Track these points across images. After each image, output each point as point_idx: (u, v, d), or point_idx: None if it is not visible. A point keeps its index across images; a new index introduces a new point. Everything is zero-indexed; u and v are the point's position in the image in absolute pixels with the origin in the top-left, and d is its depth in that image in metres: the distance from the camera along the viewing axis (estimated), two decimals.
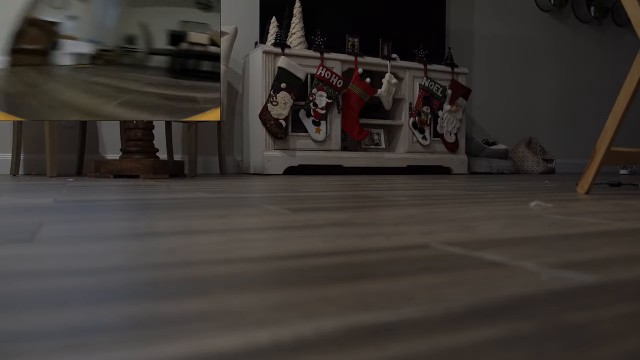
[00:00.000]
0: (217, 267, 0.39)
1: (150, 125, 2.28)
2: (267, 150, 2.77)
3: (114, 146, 2.84)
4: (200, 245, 0.48)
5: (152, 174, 2.11)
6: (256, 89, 2.84)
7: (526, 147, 3.75)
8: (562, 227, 0.65)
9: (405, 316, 0.27)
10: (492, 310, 0.28)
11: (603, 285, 0.35)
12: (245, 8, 3.12)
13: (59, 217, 0.71)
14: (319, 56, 2.89)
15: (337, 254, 0.44)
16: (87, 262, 0.40)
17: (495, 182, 2.02)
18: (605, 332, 0.25)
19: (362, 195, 1.17)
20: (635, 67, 1.19)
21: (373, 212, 0.80)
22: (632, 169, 4.03)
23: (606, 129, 1.24)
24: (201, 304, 0.29)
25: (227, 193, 1.22)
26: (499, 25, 4.05)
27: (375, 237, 0.55)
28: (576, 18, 4.41)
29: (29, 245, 0.48)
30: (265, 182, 1.83)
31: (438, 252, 0.46)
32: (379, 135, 3.21)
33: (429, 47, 3.42)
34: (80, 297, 0.30)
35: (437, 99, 3.24)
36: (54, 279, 0.35)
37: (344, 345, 0.23)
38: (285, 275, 0.36)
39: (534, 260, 0.43)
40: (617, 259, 0.43)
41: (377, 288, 0.33)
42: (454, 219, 0.72)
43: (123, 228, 0.60)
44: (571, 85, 4.42)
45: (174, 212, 0.78)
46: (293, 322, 0.26)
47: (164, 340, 0.23)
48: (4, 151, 2.63)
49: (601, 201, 1.07)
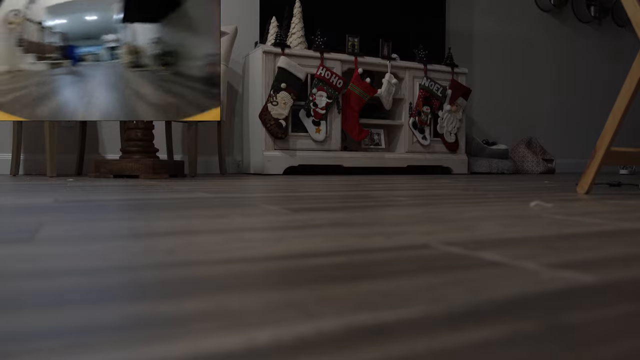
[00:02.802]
0: (217, 267, 0.39)
1: (150, 125, 2.28)
2: (267, 150, 2.77)
3: (114, 146, 2.84)
4: (200, 245, 0.48)
5: (152, 174, 2.11)
6: (256, 89, 2.84)
7: (526, 147, 3.75)
8: (562, 227, 0.65)
9: (405, 316, 0.27)
10: (492, 310, 0.28)
11: (603, 285, 0.35)
12: (245, 8, 3.12)
13: (59, 217, 0.71)
14: (319, 56, 2.89)
15: (337, 254, 0.44)
16: (87, 262, 0.40)
17: (495, 182, 2.02)
18: (605, 332, 0.25)
19: (362, 195, 1.17)
20: (635, 67, 1.19)
21: (373, 212, 0.80)
22: (632, 169, 4.02)
23: (606, 129, 1.24)
24: (201, 304, 0.29)
25: (227, 193, 1.22)
26: (499, 25, 4.04)
27: (375, 237, 0.55)
28: (576, 18, 4.41)
29: (29, 245, 0.48)
30: (265, 182, 1.83)
31: (438, 252, 0.46)
32: (379, 135, 3.21)
33: (429, 47, 3.42)
34: (80, 297, 0.30)
35: (437, 99, 3.24)
36: (53, 278, 0.35)
37: (344, 345, 0.23)
38: (285, 275, 0.36)
39: (534, 260, 0.43)
40: (617, 259, 0.43)
41: (377, 288, 0.33)
42: (454, 219, 0.72)
43: (123, 228, 0.60)
44: (571, 85, 4.42)
45: (174, 212, 0.78)
46: (293, 322, 0.26)
47: (164, 340, 0.23)
48: (4, 151, 2.63)
49: (601, 201, 1.07)
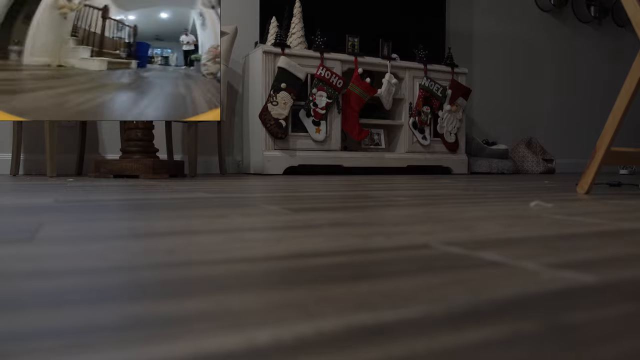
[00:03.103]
0: (217, 267, 0.39)
1: (150, 125, 2.28)
2: (267, 150, 2.77)
3: (114, 146, 2.84)
4: (200, 245, 0.48)
5: (152, 174, 2.11)
6: (256, 89, 2.84)
7: (526, 147, 3.75)
8: (562, 227, 0.65)
9: (405, 316, 0.27)
10: (492, 310, 0.28)
11: (603, 285, 0.35)
12: (245, 8, 3.12)
13: (59, 217, 0.71)
14: (319, 56, 2.88)
15: (337, 254, 0.44)
16: (87, 262, 0.40)
17: (495, 182, 2.02)
18: (605, 332, 0.25)
19: (362, 195, 1.17)
20: (635, 67, 1.19)
21: (373, 212, 0.80)
22: (632, 169, 4.02)
23: (606, 129, 1.24)
24: (201, 304, 0.29)
25: (227, 193, 1.22)
26: (499, 25, 4.04)
27: (375, 237, 0.55)
28: (576, 18, 4.41)
29: (29, 245, 0.48)
30: (265, 182, 1.83)
31: (438, 252, 0.46)
32: (379, 135, 3.21)
33: (429, 47, 3.42)
34: (80, 296, 0.30)
35: (437, 99, 3.24)
36: (53, 278, 0.35)
37: (344, 345, 0.23)
38: (285, 275, 0.36)
39: (534, 260, 0.43)
40: (617, 259, 0.43)
41: (377, 288, 0.33)
42: (454, 219, 0.72)
43: (123, 228, 0.60)
44: (571, 85, 4.42)
45: (174, 212, 0.78)
46: (293, 322, 0.26)
47: (164, 340, 0.23)
48: (4, 151, 2.63)
49: (601, 201, 1.07)
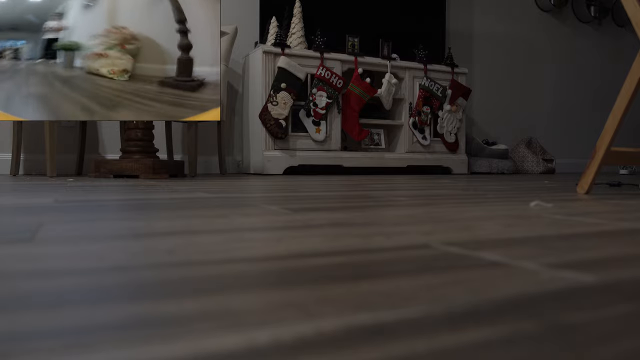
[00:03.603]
0: (217, 267, 0.39)
1: (150, 125, 2.28)
2: (267, 150, 2.77)
3: (114, 146, 2.84)
4: (200, 245, 0.48)
5: (152, 174, 2.11)
6: (256, 89, 2.84)
7: (526, 147, 3.75)
8: (562, 227, 0.65)
9: (405, 316, 0.27)
10: (492, 310, 0.28)
11: (603, 285, 0.35)
12: (245, 8, 3.12)
13: (59, 217, 0.71)
14: (319, 56, 2.88)
15: (337, 254, 0.44)
16: (87, 262, 0.40)
17: (495, 182, 2.02)
18: (605, 332, 0.25)
19: (362, 195, 1.17)
20: (635, 67, 1.19)
21: (373, 212, 0.80)
22: (632, 169, 4.02)
23: (606, 129, 1.24)
24: (201, 304, 0.29)
25: (227, 193, 1.22)
26: (499, 25, 4.04)
27: (375, 237, 0.55)
28: (576, 18, 4.41)
29: (29, 245, 0.48)
30: (265, 182, 1.83)
31: (438, 252, 0.46)
32: (379, 135, 3.21)
33: (429, 47, 3.42)
34: (80, 296, 0.30)
35: (437, 99, 3.24)
36: (53, 278, 0.35)
37: (344, 345, 0.23)
38: (285, 275, 0.36)
39: (534, 260, 0.43)
40: (617, 259, 0.43)
41: (377, 288, 0.33)
42: (454, 219, 0.72)
43: (123, 228, 0.60)
44: (571, 85, 4.42)
45: (174, 212, 0.78)
46: (293, 322, 0.26)
47: (164, 340, 0.23)
48: (4, 151, 2.63)
49: (601, 201, 1.07)
